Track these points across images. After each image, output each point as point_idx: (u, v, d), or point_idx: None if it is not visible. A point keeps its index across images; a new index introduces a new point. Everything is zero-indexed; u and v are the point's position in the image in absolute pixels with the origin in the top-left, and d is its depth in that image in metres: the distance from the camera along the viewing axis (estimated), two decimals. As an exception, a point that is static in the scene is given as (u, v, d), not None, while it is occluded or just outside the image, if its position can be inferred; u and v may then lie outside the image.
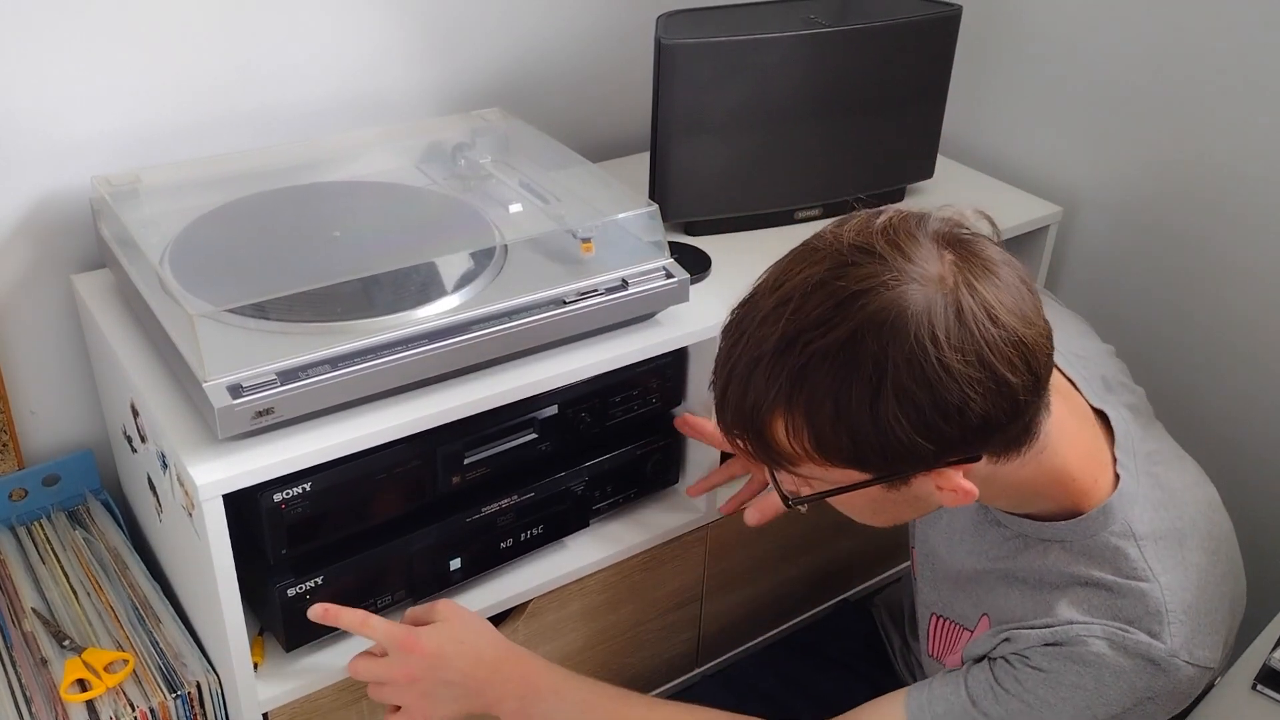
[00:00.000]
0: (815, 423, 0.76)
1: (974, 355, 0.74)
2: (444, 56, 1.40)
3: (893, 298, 0.74)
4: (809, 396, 0.76)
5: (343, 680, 1.07)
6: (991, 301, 0.75)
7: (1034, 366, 0.77)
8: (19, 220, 1.19)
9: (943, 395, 0.74)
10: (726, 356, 0.81)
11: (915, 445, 0.75)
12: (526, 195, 1.24)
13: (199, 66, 1.24)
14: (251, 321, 0.99)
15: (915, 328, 0.73)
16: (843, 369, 0.74)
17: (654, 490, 1.26)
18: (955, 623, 1.01)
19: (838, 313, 0.75)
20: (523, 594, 1.17)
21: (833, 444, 0.77)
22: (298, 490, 0.97)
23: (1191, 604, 0.85)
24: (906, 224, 0.78)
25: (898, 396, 0.73)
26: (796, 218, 1.38)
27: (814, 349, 0.75)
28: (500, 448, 1.10)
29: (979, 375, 0.74)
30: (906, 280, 0.74)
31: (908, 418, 0.74)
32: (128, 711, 1.03)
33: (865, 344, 0.73)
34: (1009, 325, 0.75)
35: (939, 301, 0.74)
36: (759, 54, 1.25)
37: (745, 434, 0.81)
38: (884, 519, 0.89)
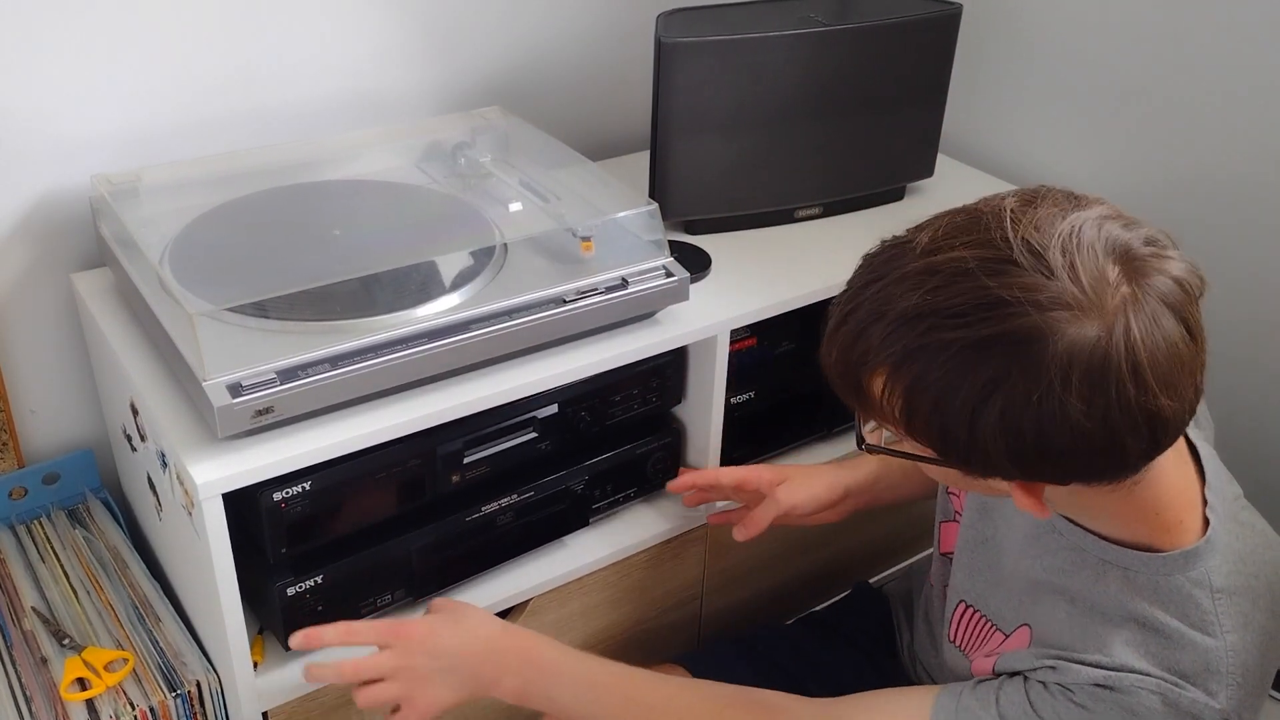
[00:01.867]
0: (912, 401, 0.73)
1: (1100, 412, 0.69)
2: (444, 56, 1.40)
3: (1041, 323, 0.68)
4: (916, 376, 0.72)
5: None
6: (1144, 359, 0.68)
7: (1158, 437, 0.72)
8: (19, 220, 1.19)
9: (1050, 435, 0.70)
10: (856, 293, 0.77)
11: (1003, 463, 0.73)
12: (526, 194, 1.24)
13: (199, 66, 1.24)
14: (251, 320, 0.99)
15: (1051, 362, 0.68)
16: (959, 368, 0.71)
17: (654, 490, 1.26)
18: (989, 620, 0.96)
19: (978, 313, 0.70)
20: (523, 593, 1.17)
21: (922, 426, 0.74)
22: (298, 489, 0.97)
23: (1251, 666, 0.81)
24: (1091, 232, 0.71)
25: (1003, 416, 0.70)
26: (796, 217, 1.38)
27: (940, 336, 0.71)
28: (500, 447, 1.10)
29: (1097, 430, 0.69)
30: (1063, 307, 0.68)
31: (1005, 440, 0.71)
32: (128, 711, 1.03)
33: (993, 356, 0.69)
34: (1151, 390, 0.69)
35: (1088, 341, 0.68)
36: (759, 53, 1.25)
37: (843, 374, 0.79)
38: (949, 484, 0.85)
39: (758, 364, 1.30)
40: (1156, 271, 0.71)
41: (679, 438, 1.25)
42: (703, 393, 1.22)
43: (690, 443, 1.27)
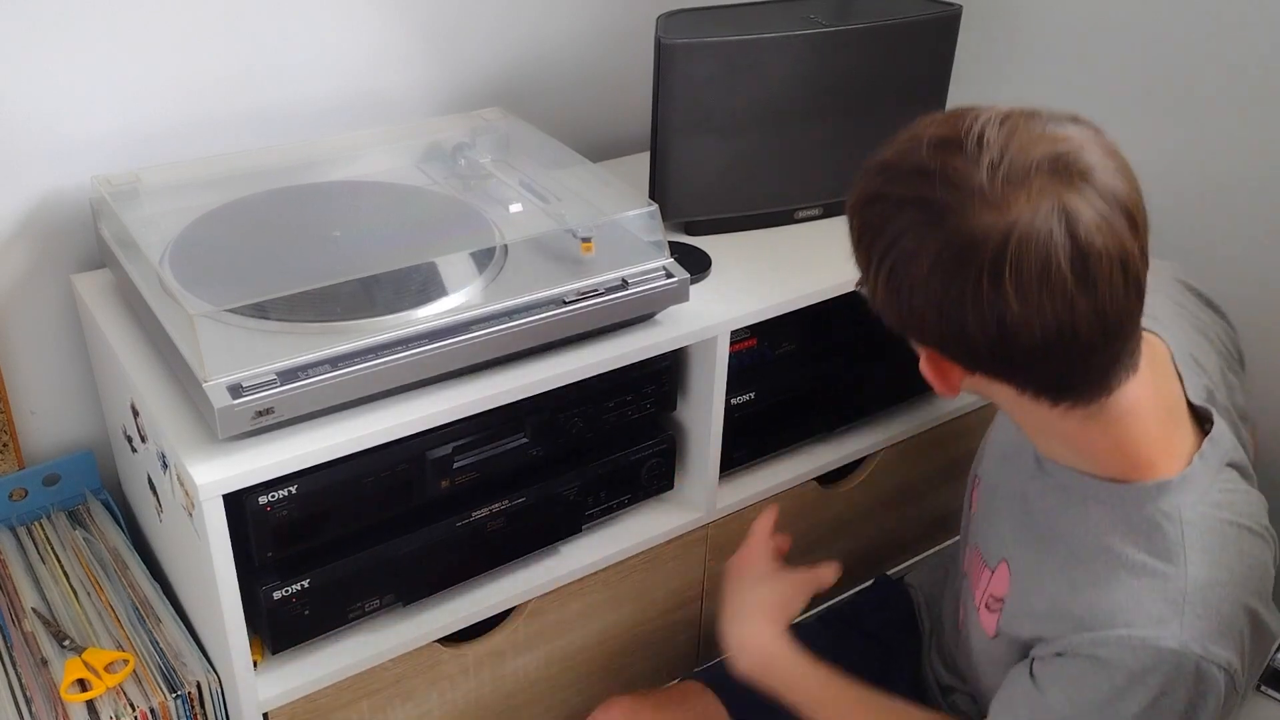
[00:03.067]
0: (859, 242, 0.81)
1: (955, 293, 0.74)
2: (444, 56, 1.40)
3: (946, 199, 0.74)
4: (864, 221, 0.80)
5: (343, 680, 1.07)
6: (1011, 261, 0.73)
7: (1008, 344, 0.76)
8: (19, 220, 1.19)
9: (918, 303, 0.78)
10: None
11: (896, 320, 0.81)
12: (526, 195, 1.24)
13: (199, 66, 1.24)
14: (251, 321, 0.99)
15: (935, 235, 0.74)
16: (879, 220, 0.78)
17: (649, 496, 1.26)
18: (981, 558, 1.01)
19: (908, 177, 0.77)
20: (523, 594, 1.17)
21: (863, 266, 0.82)
22: (283, 493, 0.97)
23: (1214, 604, 0.82)
24: (1044, 145, 0.74)
25: (892, 273, 0.77)
26: (796, 217, 1.38)
27: (879, 188, 0.79)
28: (490, 453, 1.09)
29: (950, 308, 0.76)
30: (969, 194, 0.74)
31: (890, 297, 0.80)
32: (128, 711, 1.03)
33: (900, 215, 0.76)
34: (1006, 293, 0.73)
35: (974, 228, 0.73)
36: (759, 54, 1.25)
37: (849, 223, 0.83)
38: (946, 388, 0.88)
39: (758, 364, 1.30)
40: (1080, 196, 0.73)
41: (674, 444, 1.24)
42: (703, 393, 1.22)
43: (690, 443, 1.27)
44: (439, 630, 1.12)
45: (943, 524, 1.61)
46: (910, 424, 1.44)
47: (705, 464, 1.25)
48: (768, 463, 1.35)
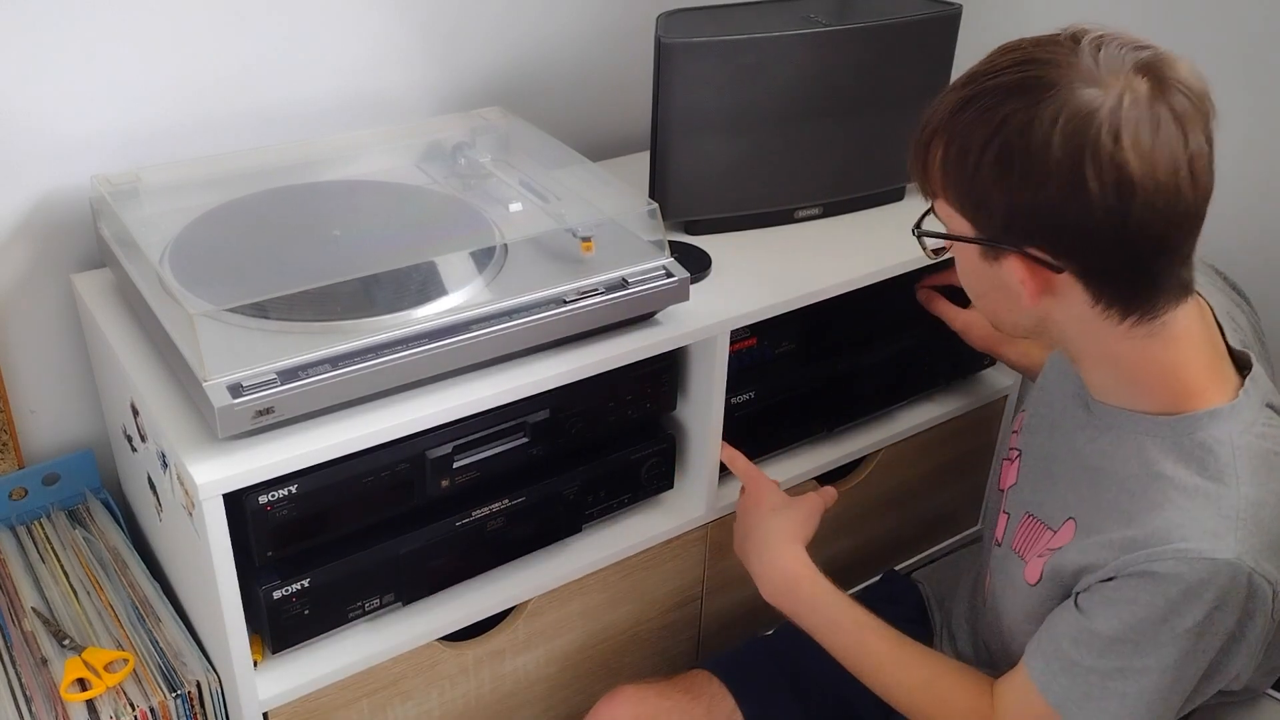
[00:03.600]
0: (947, 155, 0.84)
1: (1075, 158, 0.79)
2: (444, 56, 1.40)
3: (1054, 77, 0.80)
4: (953, 130, 0.84)
5: (343, 679, 1.07)
6: (1128, 129, 0.78)
7: (1127, 209, 0.79)
8: (19, 220, 1.19)
9: (1033, 174, 0.80)
10: (950, 86, 0.87)
11: (1002, 217, 0.83)
12: (526, 194, 1.24)
13: (199, 66, 1.24)
14: (251, 321, 0.99)
15: (1049, 104, 0.79)
16: (981, 113, 0.82)
17: (649, 496, 1.26)
18: (1041, 522, 1.01)
19: (1010, 69, 0.82)
20: (523, 593, 1.17)
21: (953, 181, 0.85)
22: (283, 493, 0.97)
23: (1265, 523, 0.85)
24: (1135, 52, 0.82)
25: (1000, 152, 0.81)
26: (796, 217, 1.38)
27: (975, 89, 0.83)
28: (490, 452, 1.10)
29: (1069, 180, 0.79)
30: (1078, 75, 0.80)
31: (1001, 181, 0.82)
32: (128, 711, 1.03)
33: (1008, 99, 0.81)
34: (1125, 155, 0.78)
35: (1085, 99, 0.78)
36: (759, 53, 1.25)
37: (917, 153, 0.88)
38: (986, 305, 0.92)
39: (758, 364, 1.30)
40: (1175, 90, 0.80)
41: (674, 444, 1.24)
42: (703, 393, 1.22)
43: (690, 443, 1.27)
44: (439, 630, 1.12)
45: (943, 523, 1.61)
46: (910, 424, 1.44)
47: (705, 464, 1.25)
48: (768, 463, 1.35)
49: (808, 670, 1.17)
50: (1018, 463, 1.10)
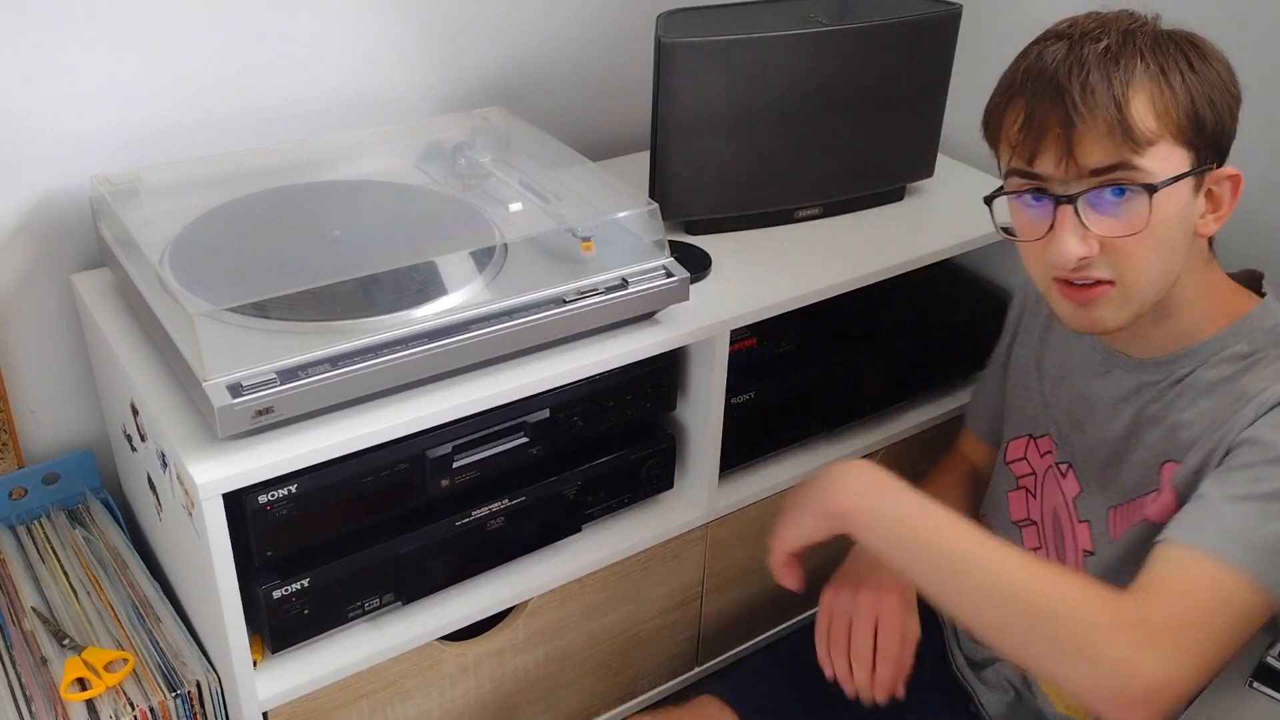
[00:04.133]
0: (1173, 89, 0.90)
1: (1228, 79, 0.95)
2: (444, 56, 1.40)
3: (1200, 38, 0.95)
4: (1169, 65, 0.90)
5: (343, 679, 1.07)
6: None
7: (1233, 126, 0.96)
8: (19, 220, 1.19)
9: (1232, 92, 0.95)
10: (1065, 60, 0.91)
11: (1219, 128, 0.93)
12: (526, 194, 1.24)
13: (199, 66, 1.24)
14: (251, 321, 0.99)
15: (1212, 52, 0.95)
16: (1169, 49, 0.91)
17: (649, 496, 1.26)
18: (1135, 498, 1.04)
19: (1135, 19, 0.94)
20: (522, 593, 1.17)
21: (1184, 113, 0.90)
22: (283, 493, 0.97)
23: None
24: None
25: (1215, 73, 0.93)
26: (796, 217, 1.38)
27: (1148, 32, 0.92)
28: (490, 452, 1.10)
29: (1235, 94, 0.96)
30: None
31: (1219, 95, 0.93)
32: (127, 711, 1.03)
33: (1176, 35, 0.93)
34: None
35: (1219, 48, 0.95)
36: (759, 53, 1.25)
37: (1107, 121, 0.89)
38: (1162, 258, 0.94)
39: (758, 364, 1.30)
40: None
41: (673, 443, 1.24)
42: (703, 393, 1.22)
43: (690, 443, 1.27)
44: (439, 630, 1.12)
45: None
46: (910, 424, 1.44)
47: (705, 464, 1.25)
48: (768, 463, 1.35)
49: (817, 688, 1.17)
50: (1070, 475, 1.11)
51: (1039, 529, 1.15)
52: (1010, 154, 0.96)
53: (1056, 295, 0.97)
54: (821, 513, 0.97)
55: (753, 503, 1.32)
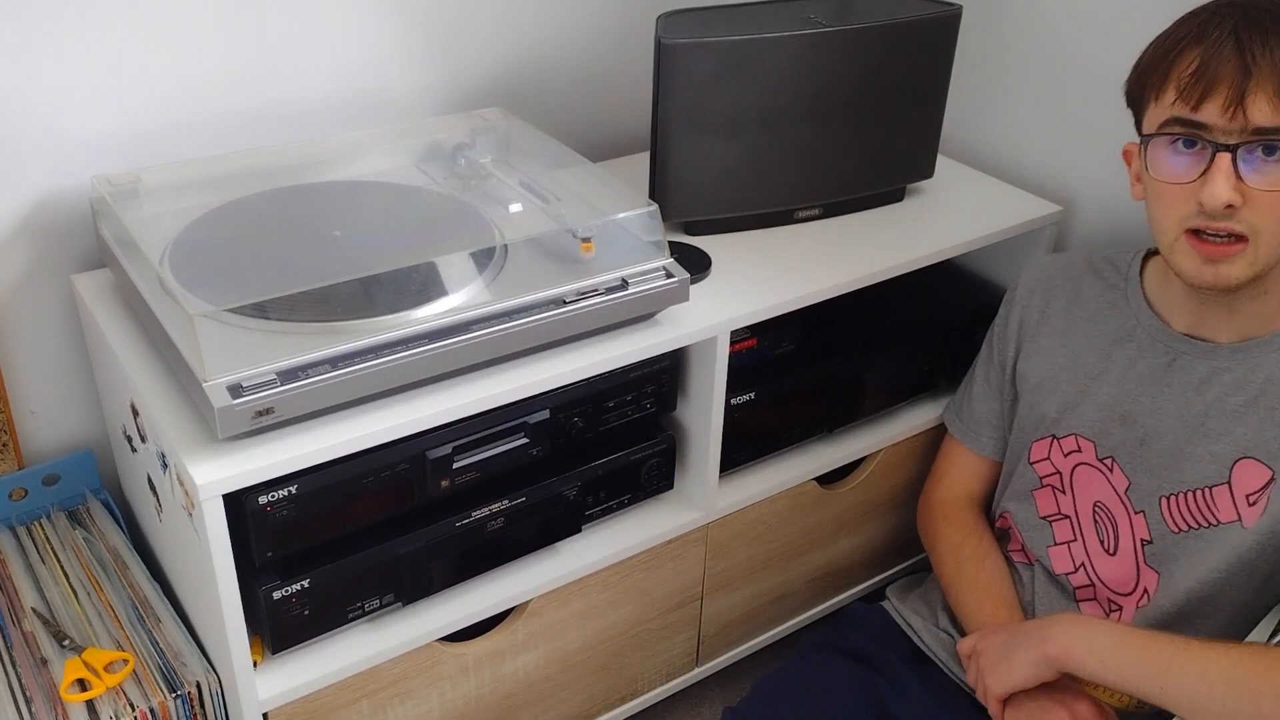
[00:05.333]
0: None
1: None
2: (444, 56, 1.40)
3: None
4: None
5: (343, 680, 1.07)
6: None
7: None
8: (19, 220, 1.19)
9: None
10: (1245, 19, 0.95)
11: None
12: (526, 195, 1.24)
13: (199, 66, 1.24)
14: (251, 321, 0.99)
15: None
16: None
17: (649, 497, 1.26)
18: (1199, 489, 1.07)
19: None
20: (523, 593, 1.17)
21: None
22: (284, 493, 0.97)
23: None
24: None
25: None
26: (796, 217, 1.38)
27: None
28: (490, 453, 1.10)
29: None
30: None
31: None
32: (128, 711, 1.03)
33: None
34: None
35: None
36: (759, 54, 1.25)
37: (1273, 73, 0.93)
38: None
39: (758, 364, 1.30)
40: None
41: (674, 444, 1.24)
42: (703, 393, 1.22)
43: (690, 444, 1.27)
44: (439, 630, 1.12)
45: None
46: (910, 424, 1.44)
47: (705, 464, 1.25)
48: (768, 463, 1.35)
49: (829, 710, 1.17)
50: (1116, 469, 1.14)
51: (1072, 522, 1.18)
52: (1175, 98, 0.98)
53: (1185, 247, 1.01)
54: (1042, 660, 1.03)
55: (753, 503, 1.32)
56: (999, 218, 1.40)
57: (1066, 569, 1.18)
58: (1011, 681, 1.06)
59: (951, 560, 1.26)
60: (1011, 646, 1.07)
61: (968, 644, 1.15)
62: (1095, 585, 1.16)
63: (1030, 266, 1.27)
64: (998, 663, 1.08)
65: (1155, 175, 1.01)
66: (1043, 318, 1.22)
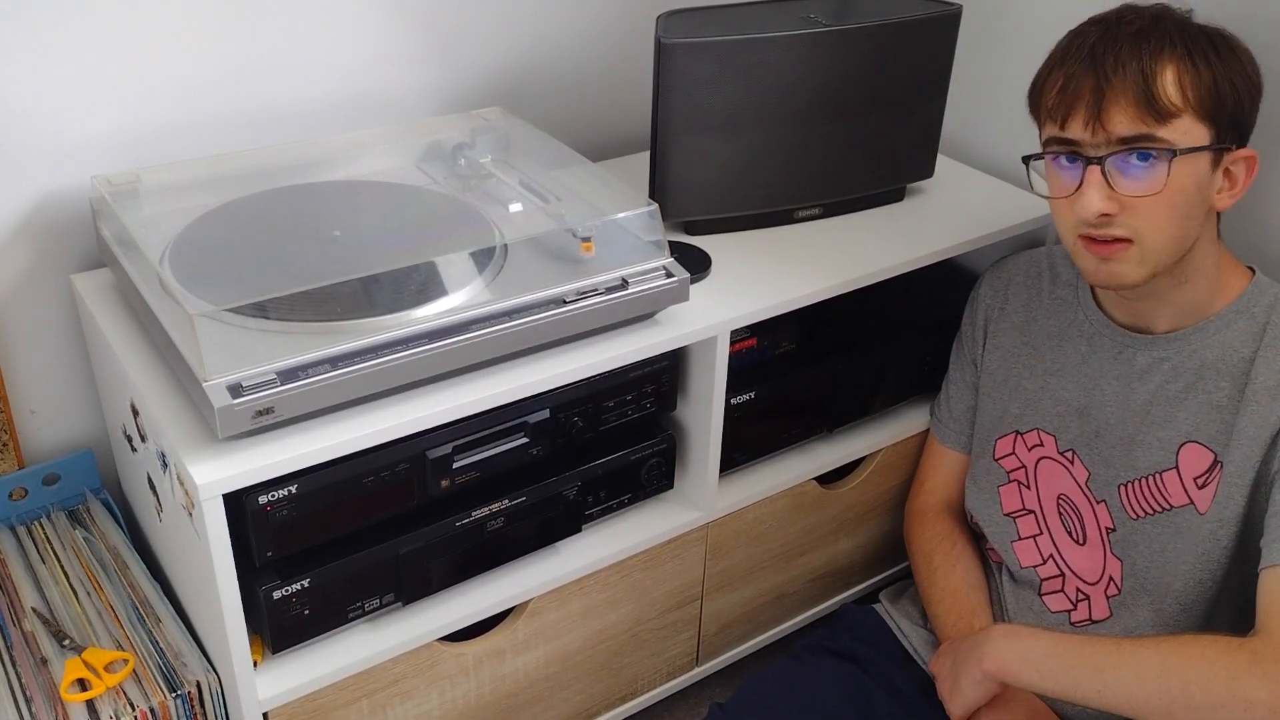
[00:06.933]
0: (1197, 68, 0.98)
1: (1252, 71, 1.03)
2: (444, 56, 1.40)
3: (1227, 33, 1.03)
4: (1195, 49, 0.98)
5: (343, 679, 1.07)
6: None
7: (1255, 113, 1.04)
8: (19, 220, 1.19)
9: (1254, 81, 1.03)
10: (1101, 38, 1.01)
11: (1239, 110, 1.01)
12: (526, 195, 1.24)
13: (199, 66, 1.24)
14: (251, 321, 0.99)
15: (1240, 45, 1.03)
16: (1197, 35, 1.00)
17: (649, 496, 1.26)
18: (1149, 474, 1.11)
19: (1168, 10, 1.03)
20: (523, 593, 1.17)
21: (1207, 92, 0.98)
22: (283, 493, 0.97)
23: None
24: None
25: (1239, 62, 1.01)
26: (796, 217, 1.38)
27: (1177, 21, 1.01)
28: (490, 452, 1.10)
29: (1257, 84, 1.03)
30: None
31: (1241, 81, 1.00)
32: (128, 711, 1.03)
33: (1206, 27, 1.02)
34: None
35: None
36: (759, 54, 1.25)
37: (1135, 91, 0.98)
38: (1178, 225, 1.02)
39: (758, 364, 1.30)
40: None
41: (674, 444, 1.24)
42: (703, 393, 1.22)
43: (690, 443, 1.27)
44: (439, 630, 1.12)
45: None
46: (910, 424, 1.44)
47: (705, 464, 1.25)
48: (768, 463, 1.35)
49: (816, 709, 1.18)
50: (1077, 461, 1.17)
51: (1037, 516, 1.20)
52: (1047, 119, 1.05)
53: (1081, 250, 1.06)
54: (983, 677, 1.06)
55: (753, 503, 1.32)
56: (999, 218, 1.40)
57: (1034, 561, 1.20)
58: (966, 702, 1.09)
59: (925, 567, 1.28)
60: (957, 667, 1.10)
61: (934, 664, 1.17)
62: (1064, 576, 1.18)
63: (993, 265, 1.31)
64: (950, 687, 1.11)
65: (1041, 192, 1.08)
66: (1003, 315, 1.26)
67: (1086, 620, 1.16)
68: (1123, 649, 0.98)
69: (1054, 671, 1.00)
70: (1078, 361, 1.18)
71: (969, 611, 1.21)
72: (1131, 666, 0.96)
